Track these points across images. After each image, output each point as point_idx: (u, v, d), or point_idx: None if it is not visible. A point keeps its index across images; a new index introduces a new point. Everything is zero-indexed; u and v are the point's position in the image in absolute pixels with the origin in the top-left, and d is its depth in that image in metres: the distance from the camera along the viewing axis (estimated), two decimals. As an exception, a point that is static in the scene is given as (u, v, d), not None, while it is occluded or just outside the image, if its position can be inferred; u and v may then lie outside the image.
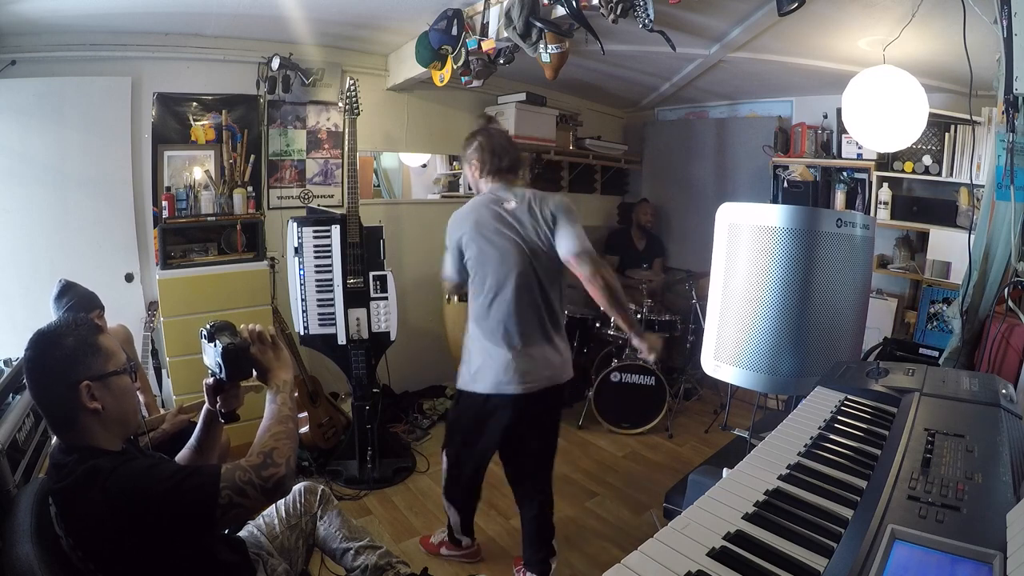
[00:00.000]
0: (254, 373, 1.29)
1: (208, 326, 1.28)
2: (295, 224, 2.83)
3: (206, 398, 1.34)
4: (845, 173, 3.51)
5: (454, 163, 4.41)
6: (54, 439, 1.82)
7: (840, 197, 3.48)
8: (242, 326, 1.30)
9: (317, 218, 2.90)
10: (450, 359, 3.92)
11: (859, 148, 3.33)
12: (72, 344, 1.12)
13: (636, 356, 3.51)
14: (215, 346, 1.25)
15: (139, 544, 1.02)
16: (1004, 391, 1.14)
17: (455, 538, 2.36)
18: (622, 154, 4.62)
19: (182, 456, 1.38)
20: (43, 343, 1.13)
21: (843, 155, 3.46)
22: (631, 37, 2.62)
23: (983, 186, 2.07)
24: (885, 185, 3.26)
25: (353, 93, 2.92)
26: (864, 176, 3.41)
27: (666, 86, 4.00)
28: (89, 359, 1.13)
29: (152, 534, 1.02)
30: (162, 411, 2.26)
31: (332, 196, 3.54)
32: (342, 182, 3.50)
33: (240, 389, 1.34)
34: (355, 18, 2.89)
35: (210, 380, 1.31)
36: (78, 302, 2.14)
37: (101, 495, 1.02)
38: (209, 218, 3.00)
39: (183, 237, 3.00)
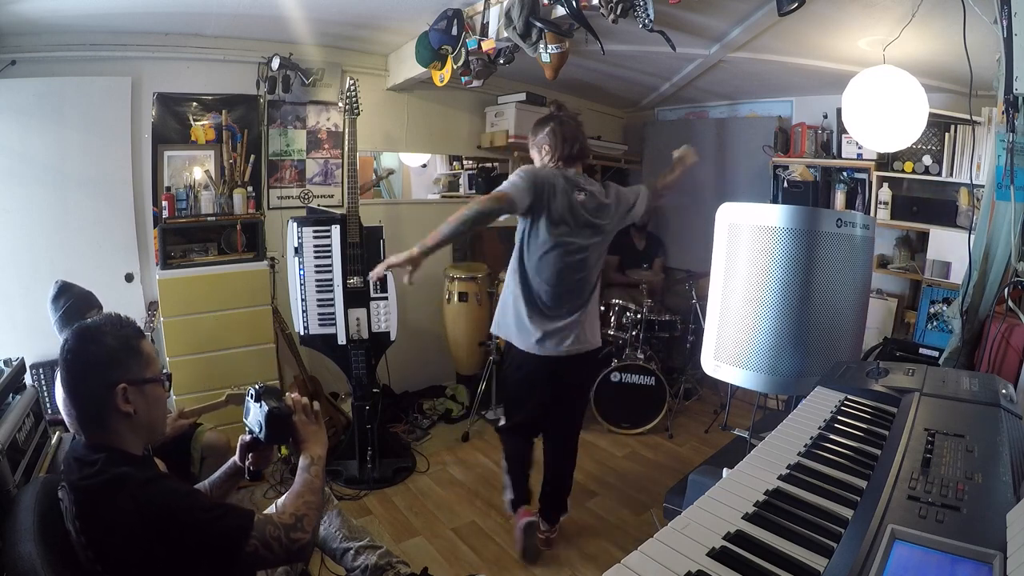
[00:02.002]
0: (290, 440, 1.33)
1: (257, 386, 1.32)
2: (295, 224, 2.84)
3: (236, 453, 1.38)
4: (845, 173, 3.51)
5: (454, 163, 4.42)
6: (56, 436, 1.83)
7: (840, 197, 3.48)
8: (287, 394, 1.35)
9: (317, 218, 2.90)
10: (450, 359, 3.93)
11: (859, 148, 3.32)
12: (115, 344, 1.12)
13: (636, 357, 3.51)
14: (261, 406, 1.29)
15: (158, 558, 1.03)
16: (1004, 391, 1.14)
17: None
18: (622, 154, 4.62)
19: None
20: (87, 337, 1.12)
21: (843, 155, 3.46)
22: (631, 37, 2.62)
23: (983, 186, 2.07)
24: (885, 185, 3.26)
25: (353, 93, 2.93)
26: (864, 176, 3.41)
27: (666, 86, 4.00)
28: (130, 362, 1.13)
29: (173, 554, 1.03)
30: (162, 412, 2.26)
31: (332, 196, 3.54)
32: (342, 182, 3.50)
33: (272, 452, 1.40)
34: (355, 18, 2.89)
35: (247, 438, 1.35)
36: (75, 303, 2.12)
37: (132, 503, 1.02)
38: (209, 218, 3.00)
39: (183, 237, 3.00)
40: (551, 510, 2.44)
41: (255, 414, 1.30)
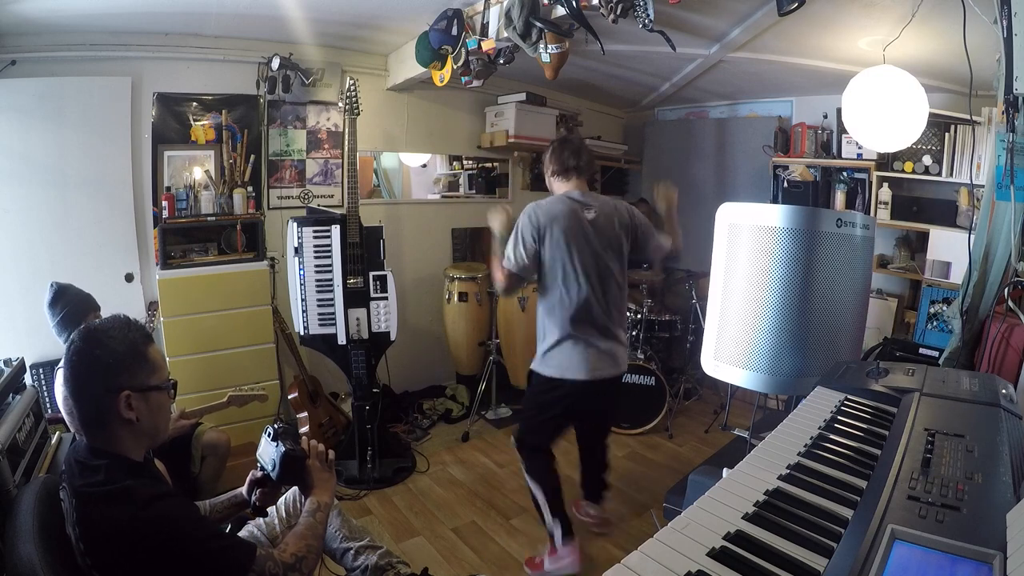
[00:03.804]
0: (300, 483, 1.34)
1: (276, 425, 1.33)
2: (295, 224, 2.83)
3: (244, 487, 1.40)
4: (845, 173, 3.51)
5: (454, 163, 4.41)
6: (56, 436, 1.83)
7: (840, 197, 3.48)
8: (304, 437, 1.36)
9: (317, 218, 2.90)
10: (450, 359, 3.93)
11: (859, 148, 3.32)
12: (121, 349, 1.10)
13: (636, 357, 3.51)
14: (277, 446, 1.30)
15: (150, 573, 1.03)
16: (1004, 391, 1.15)
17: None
18: (622, 154, 4.62)
19: None
20: (93, 339, 1.10)
21: (843, 155, 3.46)
22: (631, 37, 2.62)
23: (983, 186, 2.07)
24: (885, 185, 3.26)
25: (353, 93, 2.92)
26: (864, 176, 3.40)
27: (666, 86, 4.00)
28: (135, 368, 1.11)
29: (167, 571, 1.03)
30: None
31: (332, 196, 3.54)
32: (342, 182, 3.50)
33: (279, 492, 1.42)
34: (355, 18, 2.89)
35: (258, 474, 1.36)
36: (72, 308, 2.08)
37: (129, 516, 1.02)
38: (209, 218, 3.00)
39: (183, 237, 3.00)
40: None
41: (270, 452, 1.31)
